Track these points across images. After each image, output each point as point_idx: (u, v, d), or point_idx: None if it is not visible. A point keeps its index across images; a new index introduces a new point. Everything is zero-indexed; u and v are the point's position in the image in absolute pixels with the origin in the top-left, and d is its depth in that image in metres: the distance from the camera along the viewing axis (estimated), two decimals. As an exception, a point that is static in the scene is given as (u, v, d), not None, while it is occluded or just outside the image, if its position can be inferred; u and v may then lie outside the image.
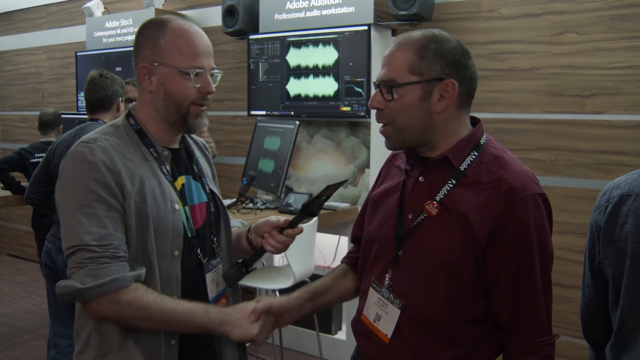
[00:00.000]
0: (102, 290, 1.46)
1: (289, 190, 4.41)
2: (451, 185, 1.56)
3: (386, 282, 1.63)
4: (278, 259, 4.72)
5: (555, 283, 3.86)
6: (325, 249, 4.52)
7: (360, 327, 1.72)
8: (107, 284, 1.47)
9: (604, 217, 1.68)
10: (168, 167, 1.68)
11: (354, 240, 1.92)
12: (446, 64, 1.53)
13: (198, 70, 1.63)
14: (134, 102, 1.74)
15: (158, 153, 1.66)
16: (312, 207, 1.75)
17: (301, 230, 1.80)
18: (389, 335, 1.61)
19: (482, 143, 1.61)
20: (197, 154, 1.84)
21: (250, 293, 5.07)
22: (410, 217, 1.61)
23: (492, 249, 1.51)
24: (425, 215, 1.57)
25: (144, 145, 1.65)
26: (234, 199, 4.02)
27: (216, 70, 1.70)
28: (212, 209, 1.79)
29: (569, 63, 3.74)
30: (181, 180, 1.72)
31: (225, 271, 1.79)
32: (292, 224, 1.78)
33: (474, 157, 1.57)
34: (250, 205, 4.15)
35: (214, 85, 1.68)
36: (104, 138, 1.59)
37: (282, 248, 1.80)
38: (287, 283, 3.61)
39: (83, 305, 1.52)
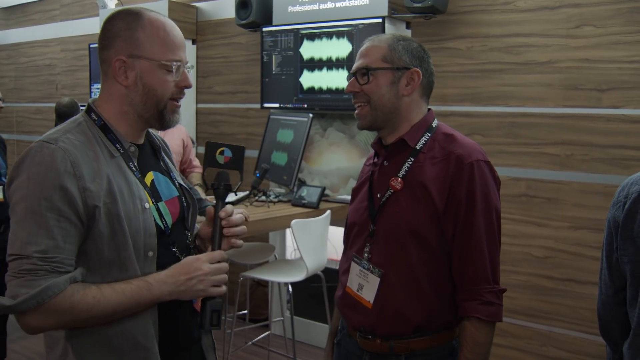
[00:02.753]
0: (35, 301, 1.36)
1: (302, 183, 4.40)
2: (410, 162, 1.84)
3: (365, 255, 1.88)
4: (290, 252, 4.72)
5: (569, 279, 3.84)
6: (338, 241, 4.49)
7: (346, 300, 1.94)
8: (40, 294, 1.36)
9: (622, 213, 1.65)
10: (135, 163, 1.60)
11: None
12: (413, 57, 1.86)
13: (178, 64, 1.57)
14: (93, 98, 1.63)
15: (124, 149, 1.57)
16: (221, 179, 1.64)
17: (230, 211, 1.64)
18: (371, 301, 1.84)
19: (433, 126, 1.90)
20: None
21: (262, 286, 5.07)
22: (378, 196, 1.88)
23: (448, 211, 1.77)
24: (392, 191, 1.84)
25: (109, 141, 1.55)
26: (247, 192, 4.01)
27: (188, 64, 1.63)
28: (185, 203, 1.72)
29: (585, 56, 3.69)
30: (150, 176, 1.64)
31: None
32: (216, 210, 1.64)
33: (427, 137, 1.87)
34: (263, 198, 4.15)
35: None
36: (66, 137, 1.47)
37: (240, 231, 1.66)
38: (299, 276, 3.61)
39: (18, 320, 1.41)
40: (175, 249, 1.63)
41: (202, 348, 1.75)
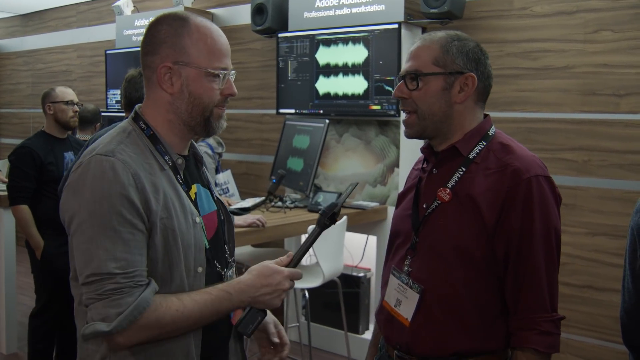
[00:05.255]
0: (128, 320, 1.34)
1: (318, 189, 4.40)
2: (461, 173, 1.67)
3: (405, 268, 1.73)
4: (306, 258, 4.71)
5: (588, 286, 3.81)
6: (353, 248, 4.50)
7: (385, 315, 1.80)
8: (132, 313, 1.34)
9: (645, 220, 1.64)
10: (182, 176, 1.55)
11: None
12: (467, 60, 1.68)
13: (225, 72, 1.53)
14: (139, 104, 1.59)
15: (173, 161, 1.52)
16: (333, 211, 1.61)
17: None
18: (409, 319, 1.70)
19: (490, 134, 1.73)
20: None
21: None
22: (424, 207, 1.72)
23: (500, 229, 1.60)
24: (439, 202, 1.68)
25: (158, 152, 1.50)
26: (263, 198, 4.02)
27: (233, 71, 1.58)
28: (222, 217, 1.68)
29: (603, 62, 3.67)
30: (194, 189, 1.60)
31: (239, 320, 1.56)
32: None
33: (482, 146, 1.69)
34: (279, 203, 4.15)
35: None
36: (121, 149, 1.43)
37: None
38: (316, 282, 3.60)
39: (106, 339, 1.38)
40: (217, 263, 1.60)
41: None
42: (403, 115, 1.77)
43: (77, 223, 1.38)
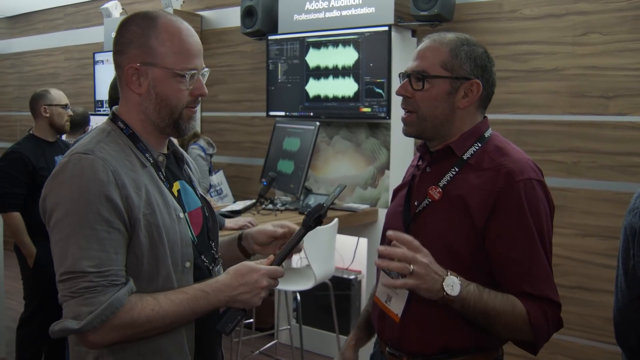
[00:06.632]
0: (99, 319, 1.33)
1: (308, 191, 4.40)
2: (454, 172, 1.68)
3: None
4: (296, 261, 4.70)
5: (578, 287, 3.82)
6: (344, 250, 4.50)
7: (377, 311, 1.80)
8: (103, 312, 1.33)
9: (639, 220, 1.65)
10: (164, 173, 1.56)
11: None
12: (475, 66, 1.68)
13: (193, 72, 1.51)
14: (116, 106, 1.60)
15: (154, 158, 1.53)
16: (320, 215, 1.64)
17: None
18: (399, 315, 1.70)
19: (486, 136, 1.73)
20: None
21: (269, 294, 5.05)
22: (415, 204, 1.73)
23: (491, 228, 1.60)
24: (430, 200, 1.69)
25: (139, 150, 1.51)
26: (253, 200, 4.01)
27: (205, 69, 1.56)
28: (207, 214, 1.68)
29: (592, 64, 3.70)
30: (177, 186, 1.60)
31: (218, 318, 1.56)
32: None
33: (477, 147, 1.70)
34: (270, 206, 4.15)
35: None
36: (101, 147, 1.43)
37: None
38: (307, 285, 3.60)
39: (79, 338, 1.39)
40: (204, 258, 1.60)
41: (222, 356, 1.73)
42: (402, 113, 1.75)
43: (55, 220, 1.39)
